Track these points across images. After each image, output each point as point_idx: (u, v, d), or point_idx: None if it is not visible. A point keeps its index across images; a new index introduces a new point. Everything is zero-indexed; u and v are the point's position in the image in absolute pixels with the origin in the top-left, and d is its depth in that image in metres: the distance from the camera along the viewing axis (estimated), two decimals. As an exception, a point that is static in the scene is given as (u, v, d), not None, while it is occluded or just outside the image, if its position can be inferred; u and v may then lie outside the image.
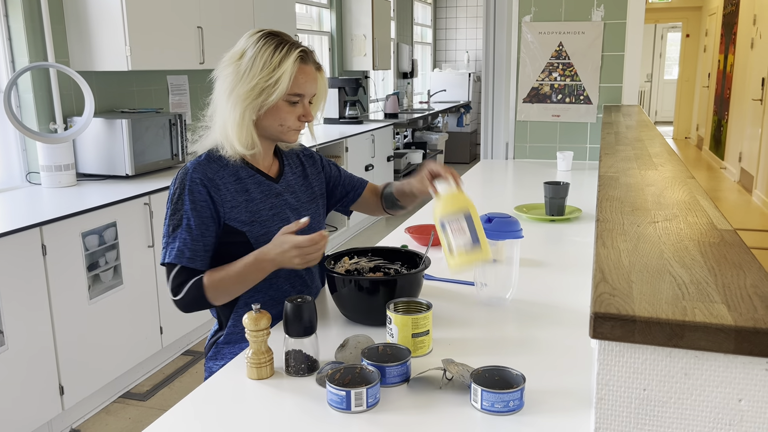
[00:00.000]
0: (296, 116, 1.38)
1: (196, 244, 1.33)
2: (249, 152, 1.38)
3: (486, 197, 2.69)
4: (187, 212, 1.34)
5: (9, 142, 2.98)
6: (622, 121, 2.75)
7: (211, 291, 1.32)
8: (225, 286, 1.33)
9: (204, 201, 1.34)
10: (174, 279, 1.33)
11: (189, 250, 1.32)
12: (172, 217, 1.35)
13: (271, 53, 1.32)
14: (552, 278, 1.64)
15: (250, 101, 1.32)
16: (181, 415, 1.04)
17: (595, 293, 0.74)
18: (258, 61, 1.31)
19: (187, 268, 1.33)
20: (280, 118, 1.36)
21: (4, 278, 2.23)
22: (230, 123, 1.34)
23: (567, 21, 3.29)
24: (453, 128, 8.88)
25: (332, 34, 6.14)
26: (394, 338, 1.20)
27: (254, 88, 1.31)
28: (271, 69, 1.31)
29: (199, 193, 1.34)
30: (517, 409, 1.01)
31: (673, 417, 0.69)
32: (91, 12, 3.05)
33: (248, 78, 1.32)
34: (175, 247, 1.32)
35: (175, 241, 1.33)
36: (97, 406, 2.74)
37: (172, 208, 1.35)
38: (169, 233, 1.35)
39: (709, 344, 0.65)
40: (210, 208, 1.35)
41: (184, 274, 1.33)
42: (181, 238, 1.33)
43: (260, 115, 1.35)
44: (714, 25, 9.62)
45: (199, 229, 1.33)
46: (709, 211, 1.12)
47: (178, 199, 1.35)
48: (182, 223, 1.33)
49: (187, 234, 1.33)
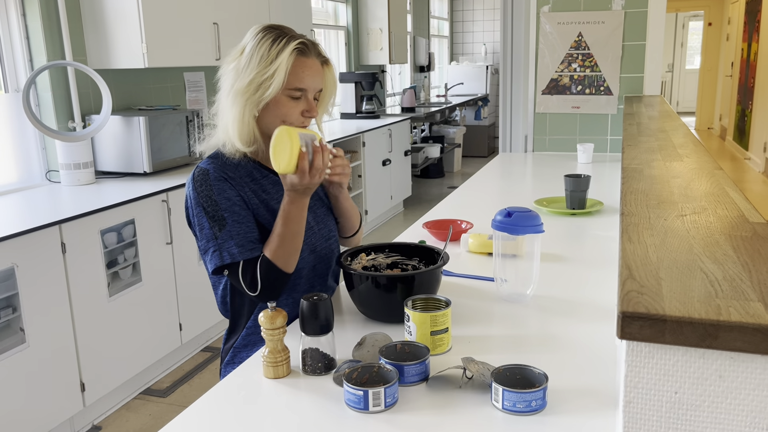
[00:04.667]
0: (299, 111, 1.33)
1: (250, 234, 1.30)
2: (248, 149, 1.34)
3: (505, 191, 2.65)
4: (226, 210, 1.30)
5: (28, 140, 3.00)
6: (644, 111, 2.69)
7: (279, 259, 1.28)
8: (286, 246, 1.29)
9: (236, 196, 1.32)
10: (244, 276, 1.29)
11: (246, 242, 1.29)
12: (213, 219, 1.29)
13: (268, 47, 1.28)
14: (574, 273, 1.60)
15: (248, 96, 1.29)
16: (200, 413, 1.03)
17: (622, 291, 0.71)
18: (255, 56, 1.28)
19: (249, 260, 1.29)
20: (282, 113, 1.32)
21: (25, 276, 2.25)
22: (230, 119, 1.31)
23: (586, 11, 3.23)
24: (471, 121, 8.82)
25: (348, 29, 6.11)
26: (412, 336, 1.17)
27: (251, 82, 1.28)
28: (267, 62, 1.27)
29: (230, 189, 1.31)
30: (540, 409, 0.98)
31: (707, 421, 0.66)
32: (107, 10, 3.05)
33: (246, 73, 1.28)
34: (233, 245, 1.28)
35: (228, 240, 1.28)
36: (117, 402, 2.75)
37: (207, 211, 1.30)
38: (216, 235, 1.29)
39: (746, 345, 0.62)
40: (243, 202, 1.32)
41: (250, 267, 1.29)
42: (234, 233, 1.29)
43: (261, 111, 1.32)
44: (737, 12, 9.42)
45: (245, 221, 1.31)
46: (739, 203, 1.08)
47: (209, 201, 1.30)
48: (226, 221, 1.29)
49: (237, 228, 1.29)
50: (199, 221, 1.31)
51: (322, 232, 1.45)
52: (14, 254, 2.21)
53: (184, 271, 3.04)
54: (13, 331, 2.24)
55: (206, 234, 1.30)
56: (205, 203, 1.30)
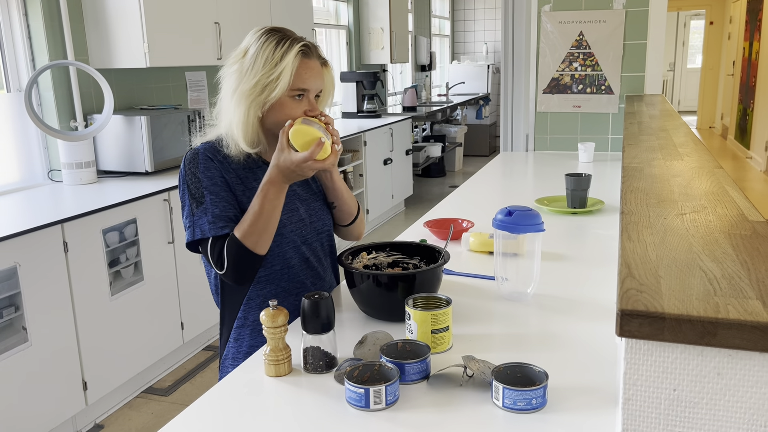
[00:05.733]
0: (301, 111, 1.36)
1: (224, 214, 1.32)
2: (253, 150, 1.37)
3: (506, 190, 2.66)
4: (207, 187, 1.33)
5: (30, 140, 3.01)
6: (645, 110, 2.69)
7: (248, 239, 1.29)
8: (257, 227, 1.29)
9: (221, 177, 1.34)
10: (212, 252, 1.31)
11: (219, 219, 1.31)
12: (193, 196, 1.33)
13: (272, 49, 1.31)
14: (574, 272, 1.61)
15: (253, 98, 1.32)
16: (201, 411, 1.03)
17: (622, 289, 0.71)
18: (260, 58, 1.31)
19: (220, 236, 1.31)
20: (286, 113, 1.34)
21: (27, 275, 2.26)
22: (235, 121, 1.34)
23: (587, 10, 3.23)
24: (472, 121, 8.82)
25: (349, 28, 6.12)
26: (413, 334, 1.18)
27: (257, 84, 1.31)
28: (272, 65, 1.30)
29: (215, 169, 1.34)
30: (540, 406, 0.99)
31: (705, 418, 0.66)
32: (109, 10, 3.06)
33: (251, 75, 1.31)
34: (205, 221, 1.31)
35: (203, 216, 1.32)
36: (120, 401, 2.76)
37: (190, 188, 1.34)
38: (192, 212, 1.33)
39: (744, 342, 0.62)
40: (226, 184, 1.35)
41: (219, 243, 1.31)
42: (208, 211, 1.32)
43: (265, 112, 1.35)
44: (738, 11, 9.41)
45: (223, 200, 1.33)
46: (739, 202, 1.08)
47: (193, 178, 1.34)
48: (205, 198, 1.32)
49: (213, 207, 1.32)
50: (183, 199, 1.36)
51: (314, 225, 1.46)
52: (17, 253, 2.22)
53: (186, 271, 3.04)
54: (16, 330, 2.25)
55: (186, 211, 1.35)
56: (189, 181, 1.34)
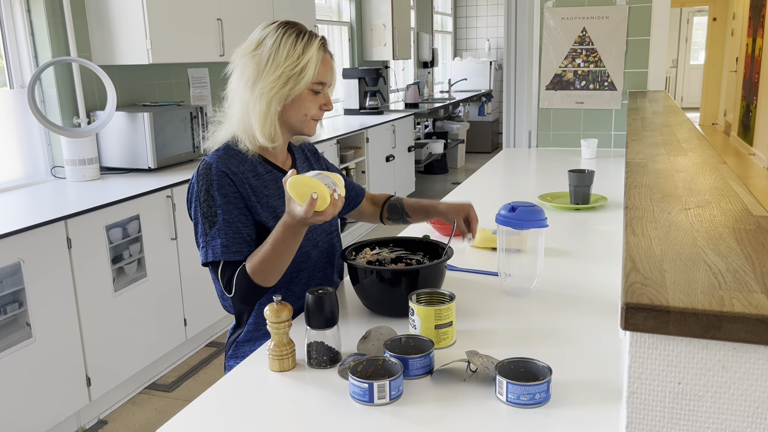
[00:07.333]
0: (318, 105, 1.36)
1: (238, 236, 1.29)
2: (271, 145, 1.34)
3: (509, 186, 2.65)
4: (221, 206, 1.30)
5: (34, 136, 3.01)
6: (648, 106, 2.68)
7: (257, 276, 1.26)
8: (268, 266, 1.26)
9: (234, 193, 1.31)
10: (222, 276, 1.29)
11: (233, 243, 1.28)
12: (205, 215, 1.30)
13: (293, 41, 1.29)
14: (577, 268, 1.61)
15: (276, 91, 1.29)
16: (205, 406, 1.03)
17: (626, 283, 0.71)
18: (282, 50, 1.28)
19: (231, 262, 1.29)
20: (305, 107, 1.34)
21: (31, 271, 2.26)
22: (255, 115, 1.31)
23: (590, 6, 3.22)
24: (474, 117, 8.80)
25: (352, 24, 6.11)
26: (416, 330, 1.18)
27: (280, 77, 1.28)
28: (295, 57, 1.28)
29: (229, 185, 1.31)
30: (544, 401, 0.99)
31: (710, 411, 0.66)
32: (111, 6, 3.06)
33: (272, 67, 1.28)
34: (218, 244, 1.28)
35: (216, 238, 1.29)
36: (123, 397, 2.77)
37: (203, 206, 1.30)
38: (206, 232, 1.30)
39: (749, 336, 0.62)
40: (241, 200, 1.32)
41: (229, 269, 1.29)
42: (222, 233, 1.29)
43: (286, 105, 1.33)
44: (741, 8, 9.38)
45: (237, 221, 1.30)
46: (743, 197, 1.08)
47: (207, 196, 1.30)
48: (218, 219, 1.29)
49: (226, 228, 1.29)
50: (195, 216, 1.33)
51: (323, 226, 1.46)
52: (20, 249, 2.22)
53: (189, 267, 3.05)
54: (20, 326, 2.26)
55: (200, 230, 1.32)
56: (202, 198, 1.31)
